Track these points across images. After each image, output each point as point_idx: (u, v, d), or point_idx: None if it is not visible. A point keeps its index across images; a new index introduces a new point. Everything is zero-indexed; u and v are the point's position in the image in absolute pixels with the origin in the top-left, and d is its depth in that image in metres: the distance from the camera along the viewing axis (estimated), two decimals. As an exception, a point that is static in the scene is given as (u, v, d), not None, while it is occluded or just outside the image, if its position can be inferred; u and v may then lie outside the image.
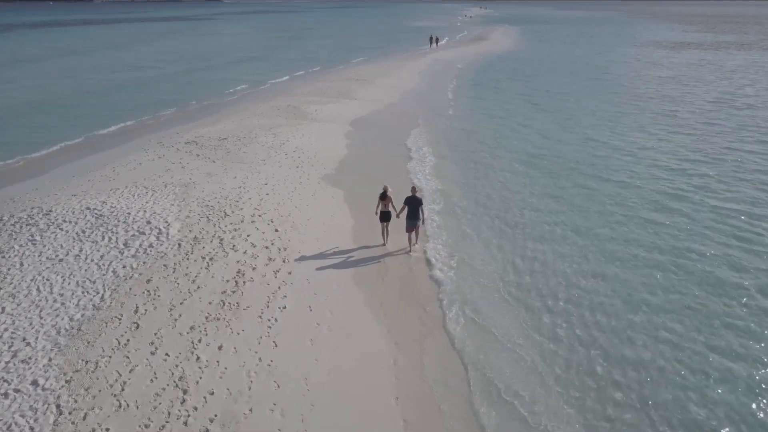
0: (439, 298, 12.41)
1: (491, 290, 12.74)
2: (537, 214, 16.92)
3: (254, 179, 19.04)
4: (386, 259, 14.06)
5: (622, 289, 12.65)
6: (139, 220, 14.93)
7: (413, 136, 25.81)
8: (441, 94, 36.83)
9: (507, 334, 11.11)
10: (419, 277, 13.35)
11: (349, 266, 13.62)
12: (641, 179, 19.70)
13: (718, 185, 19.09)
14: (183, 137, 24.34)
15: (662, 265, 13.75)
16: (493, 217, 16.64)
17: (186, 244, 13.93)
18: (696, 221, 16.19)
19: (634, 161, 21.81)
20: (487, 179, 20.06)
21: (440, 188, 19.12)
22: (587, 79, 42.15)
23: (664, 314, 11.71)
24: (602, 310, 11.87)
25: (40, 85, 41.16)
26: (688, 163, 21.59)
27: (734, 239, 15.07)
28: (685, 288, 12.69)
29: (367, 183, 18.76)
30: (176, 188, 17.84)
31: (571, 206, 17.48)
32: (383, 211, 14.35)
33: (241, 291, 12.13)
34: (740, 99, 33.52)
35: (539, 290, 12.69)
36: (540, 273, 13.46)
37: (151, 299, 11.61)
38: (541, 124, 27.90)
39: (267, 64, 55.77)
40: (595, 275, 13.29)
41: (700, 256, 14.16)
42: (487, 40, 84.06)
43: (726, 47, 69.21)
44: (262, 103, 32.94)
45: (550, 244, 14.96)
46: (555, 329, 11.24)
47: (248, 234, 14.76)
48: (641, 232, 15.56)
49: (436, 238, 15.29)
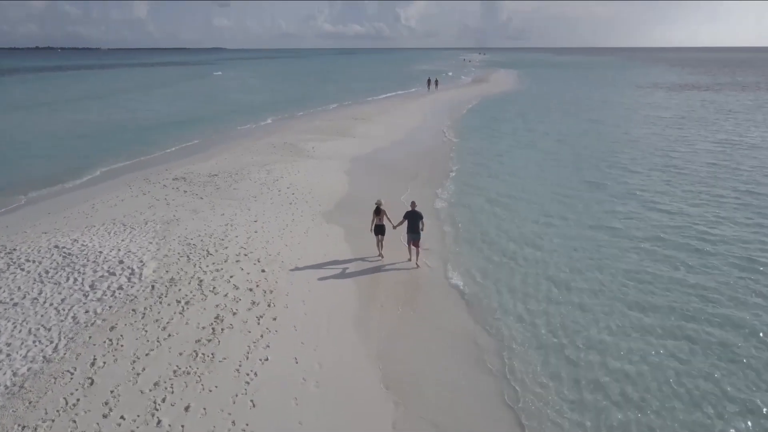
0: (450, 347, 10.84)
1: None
2: (538, 252, 15.50)
3: (243, 216, 17.71)
4: (386, 304, 12.53)
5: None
6: (110, 259, 13.50)
7: (414, 173, 24.60)
8: (440, 133, 35.81)
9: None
10: (422, 323, 11.80)
11: (343, 311, 12.08)
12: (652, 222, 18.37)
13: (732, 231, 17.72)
14: (171, 173, 23.15)
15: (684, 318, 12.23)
16: (494, 254, 15.22)
17: (160, 286, 12.46)
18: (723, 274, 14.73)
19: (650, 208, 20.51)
20: (489, 217, 18.71)
21: (446, 226, 17.75)
22: (589, 121, 41.11)
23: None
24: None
25: (39, 128, 40.45)
26: (701, 206, 20.28)
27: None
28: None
29: (364, 220, 17.42)
30: (157, 225, 16.48)
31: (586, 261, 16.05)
32: (378, 225, 14.58)
33: (218, 339, 10.59)
34: (746, 139, 32.31)
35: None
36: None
37: (113, 349, 10.06)
38: (543, 165, 26.41)
39: (266, 104, 55.41)
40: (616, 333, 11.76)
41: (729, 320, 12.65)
42: (487, 82, 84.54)
43: (726, 88, 69.19)
44: (257, 140, 31.97)
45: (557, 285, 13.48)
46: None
47: (231, 275, 13.31)
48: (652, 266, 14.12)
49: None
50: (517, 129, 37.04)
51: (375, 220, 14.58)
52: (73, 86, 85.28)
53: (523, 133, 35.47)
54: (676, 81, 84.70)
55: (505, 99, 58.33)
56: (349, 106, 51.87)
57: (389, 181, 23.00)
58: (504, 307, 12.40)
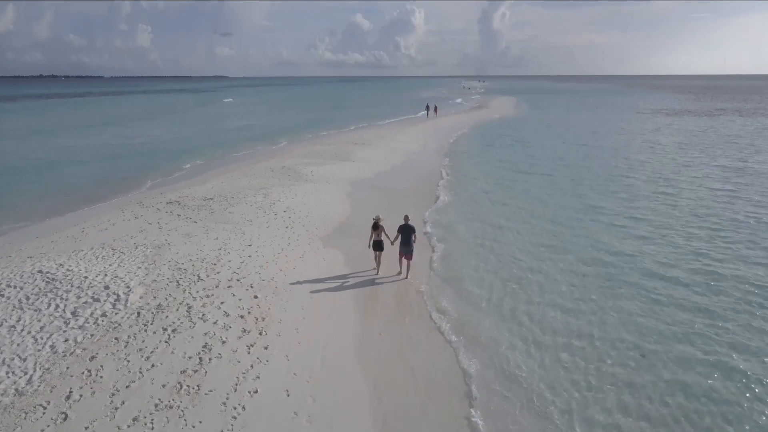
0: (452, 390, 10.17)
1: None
2: (536, 276, 14.89)
3: (237, 240, 17.14)
4: (385, 332, 11.88)
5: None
6: (96, 284, 12.88)
7: (411, 196, 24.11)
8: (439, 158, 35.43)
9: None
10: (423, 354, 11.14)
11: (339, 340, 11.43)
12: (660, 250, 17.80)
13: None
14: (166, 197, 22.65)
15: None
16: (497, 282, 14.61)
17: (146, 313, 11.82)
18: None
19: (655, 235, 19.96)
20: (484, 243, 18.14)
21: (445, 251, 17.17)
22: (588, 146, 40.71)
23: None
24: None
25: (36, 154, 40.19)
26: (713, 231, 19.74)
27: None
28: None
29: (361, 243, 16.88)
30: (148, 250, 15.90)
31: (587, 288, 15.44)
32: (376, 241, 14.72)
33: (205, 370, 9.92)
34: (749, 165, 31.79)
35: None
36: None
37: (91, 381, 9.39)
38: (541, 191, 25.64)
39: (266, 128, 55.36)
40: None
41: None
42: (487, 108, 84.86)
43: (726, 114, 69.30)
44: (255, 164, 31.58)
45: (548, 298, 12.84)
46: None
47: (222, 301, 12.68)
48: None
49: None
50: (516, 154, 36.66)
51: (373, 236, 14.74)
52: (85, 112, 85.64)
53: (522, 158, 35.09)
54: (675, 107, 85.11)
55: (505, 124, 58.26)
56: (348, 132, 51.76)
57: (387, 203, 22.46)
58: (498, 339, 11.76)
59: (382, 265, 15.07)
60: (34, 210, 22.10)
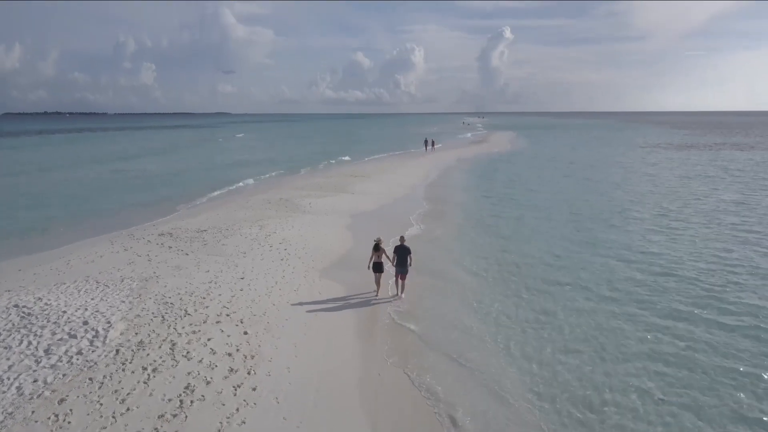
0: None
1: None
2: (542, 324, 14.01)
3: (229, 273, 16.34)
4: (383, 372, 10.96)
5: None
6: (74, 320, 12.03)
7: (415, 231, 23.33)
8: (437, 192, 34.76)
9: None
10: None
11: (334, 380, 10.51)
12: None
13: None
14: (158, 229, 21.94)
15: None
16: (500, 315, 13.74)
17: (126, 351, 10.94)
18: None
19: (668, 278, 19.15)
20: (482, 277, 17.32)
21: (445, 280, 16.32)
22: (589, 180, 39.89)
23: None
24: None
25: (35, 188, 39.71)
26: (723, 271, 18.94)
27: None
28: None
29: (359, 275, 16.09)
30: (134, 283, 15.09)
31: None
32: (376, 263, 14.84)
33: (185, 414, 9.00)
34: (753, 197, 30.96)
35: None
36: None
37: (57, 428, 8.47)
38: (540, 226, 24.71)
39: (265, 162, 55.08)
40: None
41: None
42: (487, 142, 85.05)
43: (726, 148, 69.15)
44: (252, 195, 31.00)
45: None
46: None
47: (209, 337, 11.80)
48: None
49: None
50: (515, 188, 35.83)
51: (373, 257, 14.87)
52: (102, 146, 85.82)
53: (522, 192, 34.44)
54: (674, 141, 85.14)
55: (504, 159, 57.84)
56: (349, 164, 51.45)
57: (387, 235, 21.69)
58: (496, 378, 10.85)
59: (381, 287, 15.20)
60: (19, 243, 21.22)
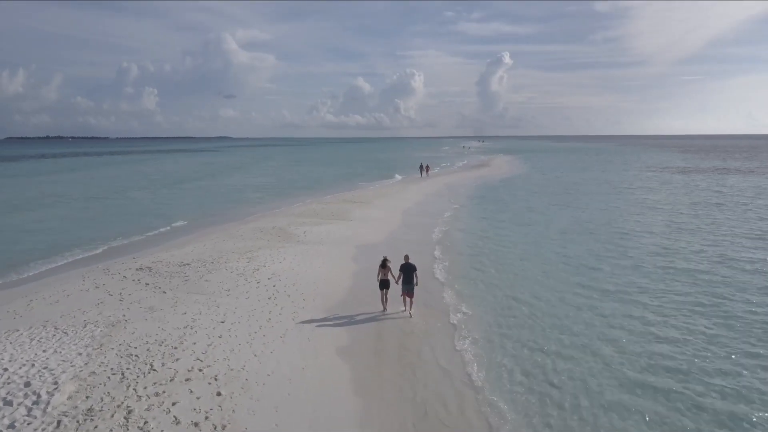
0: None
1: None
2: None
3: (209, 316, 14.53)
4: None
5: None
6: (15, 380, 10.19)
7: (418, 262, 21.48)
8: (437, 218, 32.76)
9: None
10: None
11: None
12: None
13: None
14: (137, 263, 20.16)
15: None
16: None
17: (70, 421, 9.08)
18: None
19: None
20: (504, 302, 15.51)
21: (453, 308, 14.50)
22: (596, 207, 38.06)
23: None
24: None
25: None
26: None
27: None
28: None
29: (358, 315, 14.29)
30: (98, 329, 13.27)
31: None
32: (382, 279, 15.22)
33: None
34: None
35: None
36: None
37: None
38: (548, 254, 22.85)
39: (260, 188, 53.55)
40: None
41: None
42: (488, 167, 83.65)
43: (731, 172, 67.57)
44: (243, 224, 29.28)
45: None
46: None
47: (174, 401, 9.94)
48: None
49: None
50: (519, 213, 34.06)
51: (380, 274, 15.25)
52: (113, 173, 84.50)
53: (527, 215, 32.81)
54: (678, 164, 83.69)
55: (506, 184, 55.99)
56: (347, 191, 49.73)
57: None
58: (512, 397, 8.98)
59: (390, 302, 15.45)
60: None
